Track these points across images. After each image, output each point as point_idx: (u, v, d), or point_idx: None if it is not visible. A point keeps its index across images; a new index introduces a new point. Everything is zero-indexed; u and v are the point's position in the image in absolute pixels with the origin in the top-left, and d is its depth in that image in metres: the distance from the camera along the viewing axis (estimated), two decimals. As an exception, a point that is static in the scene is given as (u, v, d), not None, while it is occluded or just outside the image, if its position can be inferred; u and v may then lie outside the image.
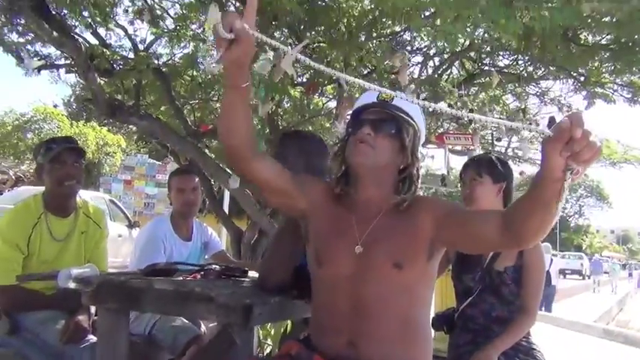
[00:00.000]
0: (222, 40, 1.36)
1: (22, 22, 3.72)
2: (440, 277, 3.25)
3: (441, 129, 5.51)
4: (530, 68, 4.50)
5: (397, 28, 3.43)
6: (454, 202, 1.91)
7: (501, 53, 4.70)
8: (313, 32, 3.70)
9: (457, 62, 4.98)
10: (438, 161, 6.29)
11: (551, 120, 5.49)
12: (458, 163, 9.03)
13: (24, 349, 2.65)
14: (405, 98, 1.79)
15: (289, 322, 2.94)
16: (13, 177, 13.64)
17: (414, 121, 1.78)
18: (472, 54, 4.84)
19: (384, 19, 3.13)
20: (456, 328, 2.85)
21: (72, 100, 20.08)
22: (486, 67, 4.76)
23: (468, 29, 2.14)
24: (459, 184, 2.92)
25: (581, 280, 32.80)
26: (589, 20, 2.44)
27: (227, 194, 8.95)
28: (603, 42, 3.09)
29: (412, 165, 1.77)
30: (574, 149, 1.15)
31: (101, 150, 17.70)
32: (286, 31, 3.98)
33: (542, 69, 4.06)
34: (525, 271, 2.67)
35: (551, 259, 12.24)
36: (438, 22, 2.04)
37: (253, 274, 2.62)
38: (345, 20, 3.46)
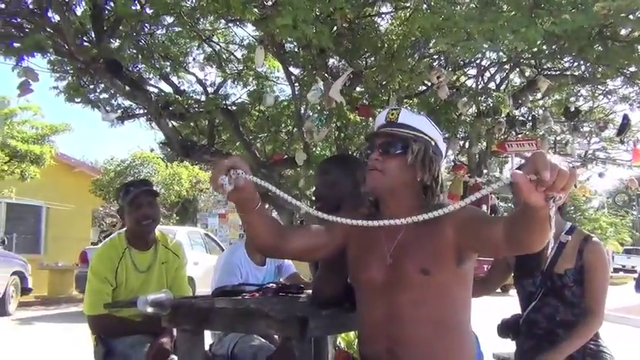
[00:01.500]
0: (222, 189, 1.57)
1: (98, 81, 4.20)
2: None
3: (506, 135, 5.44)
4: (592, 69, 4.39)
5: (440, 47, 3.51)
6: (474, 208, 1.97)
7: (561, 57, 4.62)
8: (359, 59, 3.87)
9: (516, 70, 4.95)
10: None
11: (625, 117, 5.32)
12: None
13: (118, 372, 2.97)
14: (409, 111, 1.92)
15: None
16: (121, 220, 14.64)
17: (422, 133, 1.87)
18: (532, 61, 4.80)
19: (425, 39, 3.24)
20: (521, 334, 2.84)
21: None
22: (547, 72, 4.70)
23: (489, 42, 2.21)
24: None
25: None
26: (611, 20, 2.43)
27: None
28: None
29: (428, 176, 1.86)
30: (547, 185, 1.22)
31: (195, 187, 18.62)
32: (336, 59, 4.18)
33: (601, 69, 3.96)
34: (587, 272, 2.64)
35: None
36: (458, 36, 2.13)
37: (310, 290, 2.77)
38: (387, 44, 3.60)
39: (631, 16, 2.49)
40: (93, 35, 3.83)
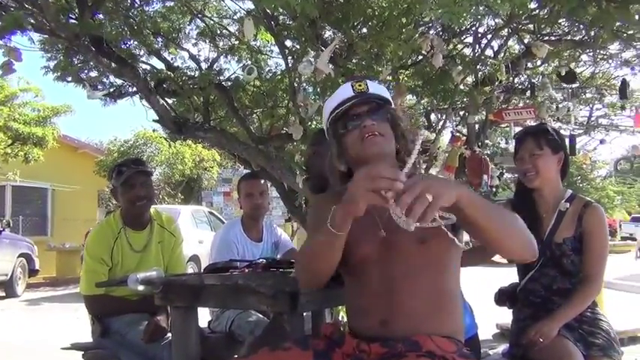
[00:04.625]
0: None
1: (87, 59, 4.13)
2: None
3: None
4: (592, 33, 4.28)
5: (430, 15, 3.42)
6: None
7: (560, 21, 4.52)
8: (353, 28, 3.79)
9: (515, 37, 4.85)
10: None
11: (623, 82, 5.22)
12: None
13: (115, 349, 2.98)
14: (373, 81, 1.88)
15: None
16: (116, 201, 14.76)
17: (389, 102, 1.88)
18: (530, 26, 4.70)
19: (417, 6, 3.16)
20: (517, 303, 2.83)
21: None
22: (546, 38, 4.60)
23: (477, 7, 2.14)
24: (515, 160, 2.84)
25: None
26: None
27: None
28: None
29: (405, 143, 1.84)
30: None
31: (199, 166, 18.64)
32: (330, 29, 4.10)
33: (598, 33, 3.86)
34: (586, 238, 2.59)
35: None
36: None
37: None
38: (377, 12, 3.53)
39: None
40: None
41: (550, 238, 2.65)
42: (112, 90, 4.98)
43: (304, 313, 2.34)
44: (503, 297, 2.90)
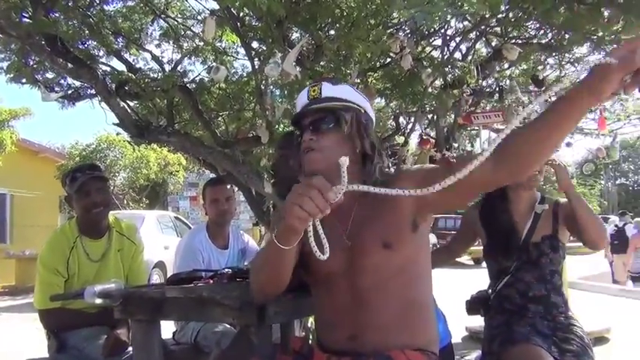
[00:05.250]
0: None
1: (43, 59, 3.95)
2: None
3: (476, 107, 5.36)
4: (559, 37, 4.31)
5: (401, 16, 3.36)
6: (429, 165, 1.86)
7: (528, 24, 4.54)
8: (321, 29, 3.71)
9: (482, 39, 4.85)
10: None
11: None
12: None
13: (72, 365, 2.83)
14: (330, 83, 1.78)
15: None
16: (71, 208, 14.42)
17: (350, 102, 1.76)
18: (497, 29, 4.70)
19: (386, 7, 3.09)
20: (491, 310, 2.79)
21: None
22: (513, 42, 4.60)
23: (450, 8, 2.08)
24: None
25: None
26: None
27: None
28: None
29: (367, 144, 1.74)
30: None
31: (164, 170, 18.34)
32: (298, 31, 4.01)
33: (568, 36, 3.87)
34: (569, 221, 2.64)
35: None
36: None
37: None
38: (345, 12, 3.45)
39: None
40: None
41: (527, 240, 2.65)
42: (69, 92, 4.78)
43: (272, 325, 2.25)
44: (476, 305, 2.86)
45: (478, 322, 2.96)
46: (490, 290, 2.82)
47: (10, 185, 15.32)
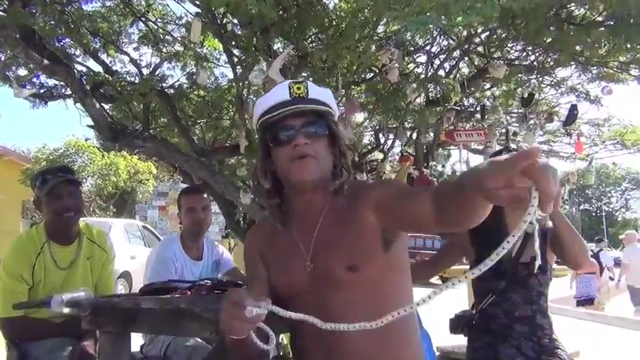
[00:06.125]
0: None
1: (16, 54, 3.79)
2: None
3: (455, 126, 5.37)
4: (542, 58, 4.34)
5: (393, 27, 3.34)
6: (391, 181, 1.78)
7: (510, 45, 4.57)
8: (307, 38, 3.66)
9: (465, 59, 4.86)
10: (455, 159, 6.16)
11: (573, 108, 5.30)
12: (477, 161, 8.85)
13: (32, 378, 2.66)
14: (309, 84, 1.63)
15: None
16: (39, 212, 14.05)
17: (331, 108, 1.63)
18: (480, 48, 4.72)
19: (375, 18, 3.05)
20: (474, 330, 2.73)
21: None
22: (496, 61, 4.61)
23: (443, 19, 2.05)
24: None
25: None
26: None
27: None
28: (599, 18, 2.94)
29: (346, 154, 1.62)
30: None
31: (133, 178, 18.02)
32: (281, 39, 3.95)
33: (552, 58, 3.89)
34: (554, 240, 2.58)
35: None
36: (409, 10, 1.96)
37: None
38: (335, 22, 3.40)
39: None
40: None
41: (516, 260, 2.60)
42: (42, 91, 4.60)
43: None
44: (460, 324, 2.80)
45: (451, 341, 2.90)
46: (474, 310, 2.77)
47: (-29, 188, 14.84)
